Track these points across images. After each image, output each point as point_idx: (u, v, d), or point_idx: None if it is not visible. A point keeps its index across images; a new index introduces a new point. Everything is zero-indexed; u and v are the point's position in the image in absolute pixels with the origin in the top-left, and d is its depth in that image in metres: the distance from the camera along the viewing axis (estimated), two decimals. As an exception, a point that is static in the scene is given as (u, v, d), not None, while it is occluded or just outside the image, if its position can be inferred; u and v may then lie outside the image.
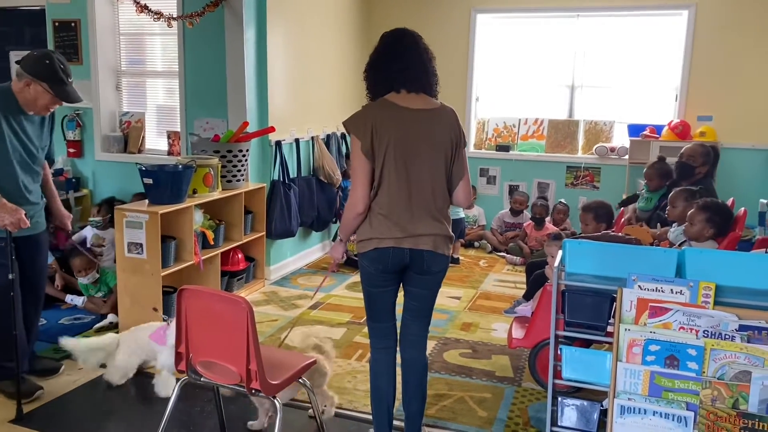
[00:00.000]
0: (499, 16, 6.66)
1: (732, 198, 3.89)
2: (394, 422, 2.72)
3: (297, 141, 5.42)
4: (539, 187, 6.66)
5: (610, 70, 6.42)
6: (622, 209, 4.80)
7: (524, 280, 4.43)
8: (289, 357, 2.71)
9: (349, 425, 3.02)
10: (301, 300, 4.74)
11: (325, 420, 2.92)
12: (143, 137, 5.61)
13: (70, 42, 5.47)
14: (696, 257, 2.19)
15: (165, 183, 3.88)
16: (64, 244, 4.49)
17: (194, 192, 4.16)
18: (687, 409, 2.02)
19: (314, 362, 2.68)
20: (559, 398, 2.36)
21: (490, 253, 6.28)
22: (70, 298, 4.37)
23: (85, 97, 3.18)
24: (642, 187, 4.88)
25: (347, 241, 2.64)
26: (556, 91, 6.64)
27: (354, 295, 4.85)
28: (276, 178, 5.16)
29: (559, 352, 2.33)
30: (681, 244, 3.44)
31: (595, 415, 2.31)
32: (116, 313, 3.99)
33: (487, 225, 6.66)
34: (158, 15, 4.67)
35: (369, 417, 2.81)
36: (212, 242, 4.31)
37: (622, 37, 6.35)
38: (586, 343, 2.85)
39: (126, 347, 3.35)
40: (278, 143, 5.14)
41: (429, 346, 2.95)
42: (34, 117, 3.10)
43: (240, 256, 4.72)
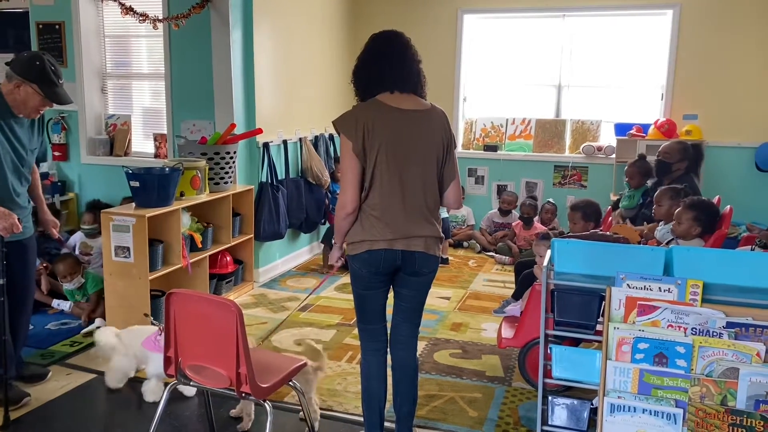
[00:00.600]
0: (486, 17, 6.68)
1: (718, 196, 3.91)
2: (385, 424, 2.71)
3: (285, 142, 5.40)
4: (527, 187, 6.69)
5: (596, 69, 6.45)
6: (609, 208, 4.83)
7: (513, 279, 4.44)
8: (279, 360, 2.70)
9: (340, 427, 3.01)
10: (291, 302, 4.72)
11: (315, 423, 2.92)
12: (129, 140, 5.57)
13: (55, 44, 5.42)
14: (683, 255, 2.20)
15: (152, 186, 3.85)
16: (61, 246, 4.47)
17: (182, 195, 4.14)
18: (676, 407, 2.04)
19: (305, 364, 2.67)
20: (550, 397, 2.36)
21: (479, 253, 6.29)
22: (57, 303, 4.33)
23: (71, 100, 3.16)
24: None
25: (342, 245, 2.61)
26: (543, 91, 6.67)
27: (344, 296, 4.84)
28: (264, 180, 5.14)
29: (548, 352, 2.34)
30: (668, 243, 3.47)
31: (586, 414, 2.32)
32: (104, 317, 3.95)
33: (476, 225, 6.67)
34: (143, 17, 4.64)
35: (360, 419, 2.81)
36: (200, 245, 4.29)
37: (608, 37, 6.39)
38: (576, 342, 2.87)
39: (122, 349, 3.31)
40: (266, 145, 5.12)
41: (419, 347, 2.95)
42: (23, 119, 3.07)
43: (228, 258, 4.70)
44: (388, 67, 2.48)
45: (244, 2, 4.84)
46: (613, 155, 6.24)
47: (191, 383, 2.46)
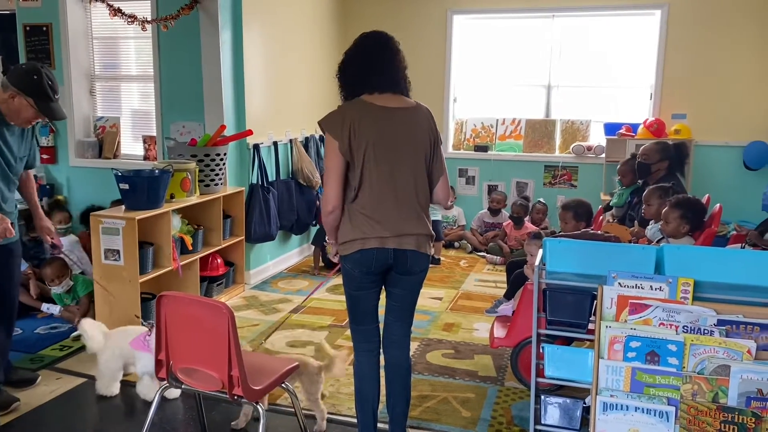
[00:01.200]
0: (475, 17, 6.69)
1: (707, 195, 3.94)
2: (379, 425, 2.71)
3: (275, 144, 5.39)
4: (518, 187, 6.70)
5: (585, 69, 6.49)
6: (600, 207, 4.85)
7: (505, 279, 4.45)
8: (271, 362, 2.69)
9: (334, 429, 3.00)
10: (282, 304, 4.71)
11: (323, 422, 2.94)
12: (118, 142, 5.53)
13: (42, 46, 5.38)
14: (674, 254, 2.21)
15: (141, 188, 3.82)
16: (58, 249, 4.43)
17: (172, 197, 4.11)
18: (668, 404, 2.05)
19: (297, 366, 2.66)
20: (542, 396, 2.37)
21: (471, 253, 6.30)
22: (46, 307, 4.28)
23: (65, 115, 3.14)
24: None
25: (336, 241, 2.60)
26: (533, 91, 6.69)
27: (335, 297, 4.83)
28: (254, 182, 5.12)
29: (541, 351, 2.35)
30: (659, 241, 3.49)
31: (578, 413, 2.32)
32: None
33: (467, 225, 6.68)
34: (132, 18, 4.61)
35: (353, 420, 2.80)
36: (191, 247, 4.26)
37: (597, 37, 6.43)
38: (568, 341, 2.87)
39: (109, 351, 3.27)
40: (256, 146, 5.10)
41: (411, 348, 2.94)
42: (14, 127, 3.05)
43: (219, 260, 4.67)
44: (375, 66, 2.49)
45: (234, 3, 4.82)
46: (603, 155, 6.27)
47: (183, 386, 2.44)
